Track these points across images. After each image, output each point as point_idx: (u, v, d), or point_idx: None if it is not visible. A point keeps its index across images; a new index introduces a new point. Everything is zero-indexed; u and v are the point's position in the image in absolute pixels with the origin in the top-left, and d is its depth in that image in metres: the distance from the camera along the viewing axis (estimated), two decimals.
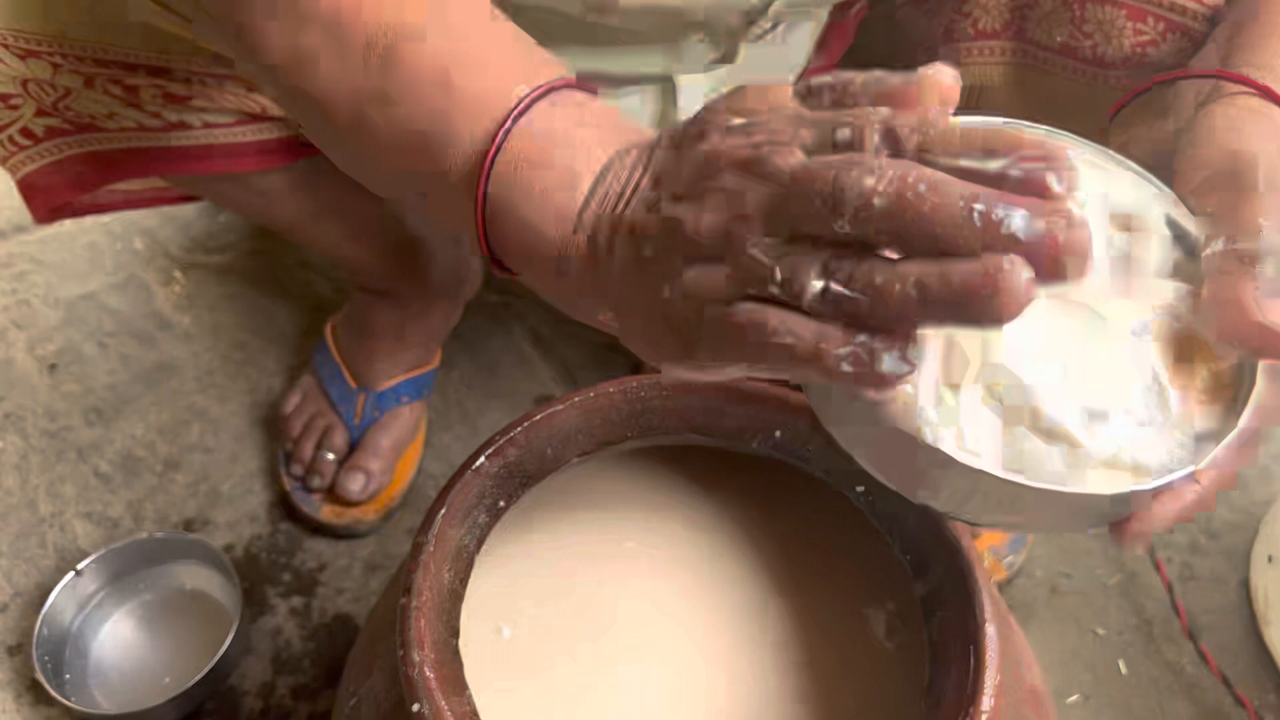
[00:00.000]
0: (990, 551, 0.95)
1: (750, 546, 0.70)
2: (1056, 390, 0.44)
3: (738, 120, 0.40)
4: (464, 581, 0.59)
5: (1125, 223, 0.50)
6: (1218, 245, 0.47)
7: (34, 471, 1.03)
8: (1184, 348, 0.47)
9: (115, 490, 1.02)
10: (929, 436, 0.43)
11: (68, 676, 0.87)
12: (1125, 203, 0.50)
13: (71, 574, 0.89)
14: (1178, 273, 0.50)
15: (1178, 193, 0.51)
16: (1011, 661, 0.61)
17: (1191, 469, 0.44)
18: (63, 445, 1.05)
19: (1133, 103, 0.60)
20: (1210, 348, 0.47)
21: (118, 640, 0.91)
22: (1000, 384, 0.45)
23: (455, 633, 0.56)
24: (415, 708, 0.50)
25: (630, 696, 0.63)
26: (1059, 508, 0.44)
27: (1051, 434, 0.44)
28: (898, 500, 0.61)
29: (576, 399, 0.64)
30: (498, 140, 0.45)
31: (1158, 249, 0.49)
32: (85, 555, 0.91)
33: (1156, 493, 0.44)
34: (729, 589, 0.68)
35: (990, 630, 0.54)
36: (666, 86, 0.73)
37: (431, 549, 0.57)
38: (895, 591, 0.65)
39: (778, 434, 0.64)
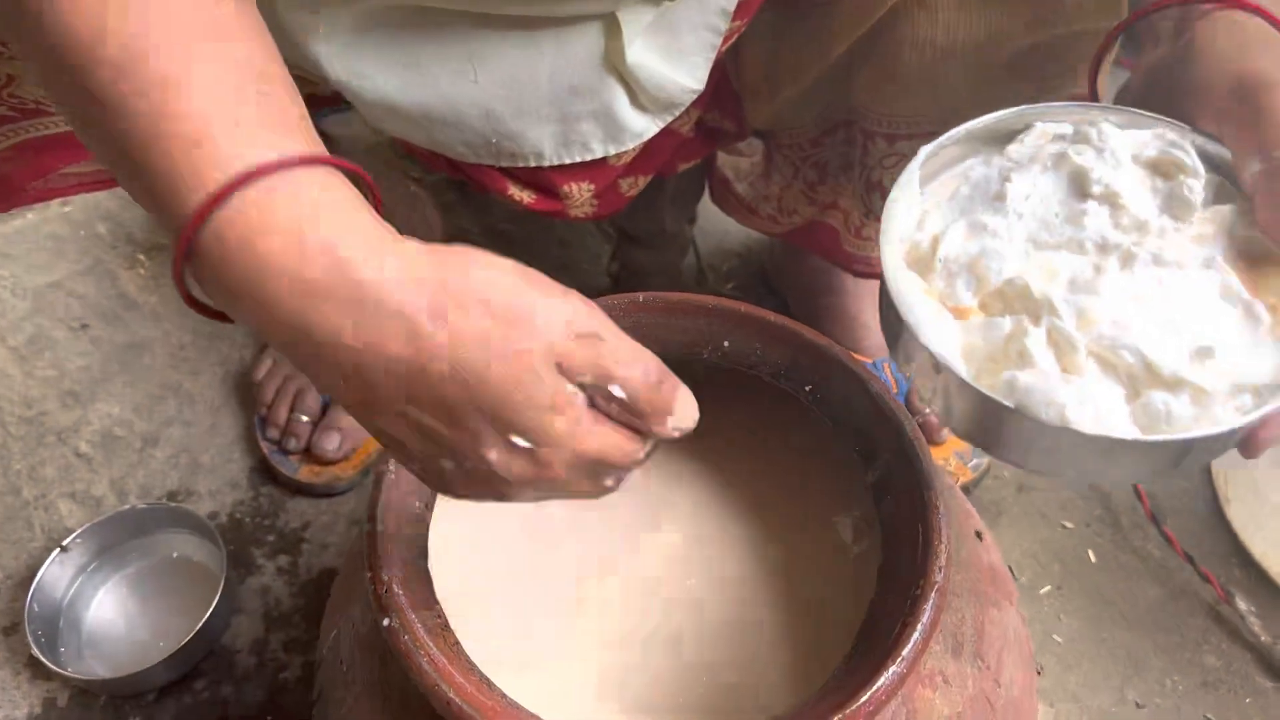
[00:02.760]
0: (955, 455, 0.97)
1: (714, 457, 0.71)
2: (1161, 342, 0.47)
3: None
4: (429, 506, 0.61)
5: (1162, 168, 0.53)
6: (1254, 165, 0.50)
7: (15, 458, 1.04)
8: (1252, 261, 0.50)
9: (97, 469, 1.04)
10: (1075, 422, 0.45)
11: (63, 649, 0.89)
12: (1156, 150, 0.53)
13: (57, 550, 0.91)
14: (1221, 197, 0.52)
15: (1198, 116, 0.53)
16: (967, 540, 0.63)
17: None
18: (41, 430, 1.07)
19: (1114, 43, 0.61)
20: (1277, 254, 0.49)
21: (110, 611, 0.93)
22: (1111, 354, 0.47)
23: (424, 554, 0.58)
24: (385, 622, 0.52)
25: (601, 608, 0.65)
26: (1204, 448, 0.46)
27: (1172, 383, 0.46)
28: (844, 396, 0.63)
29: None
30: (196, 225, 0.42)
31: (1200, 181, 0.52)
32: (72, 534, 0.93)
33: None
34: (696, 502, 0.70)
35: (937, 505, 0.55)
36: (611, 22, 0.74)
37: (393, 476, 0.58)
38: (862, 500, 0.66)
39: (726, 344, 0.66)
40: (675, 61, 0.73)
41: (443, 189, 1.24)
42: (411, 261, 0.42)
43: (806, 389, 0.64)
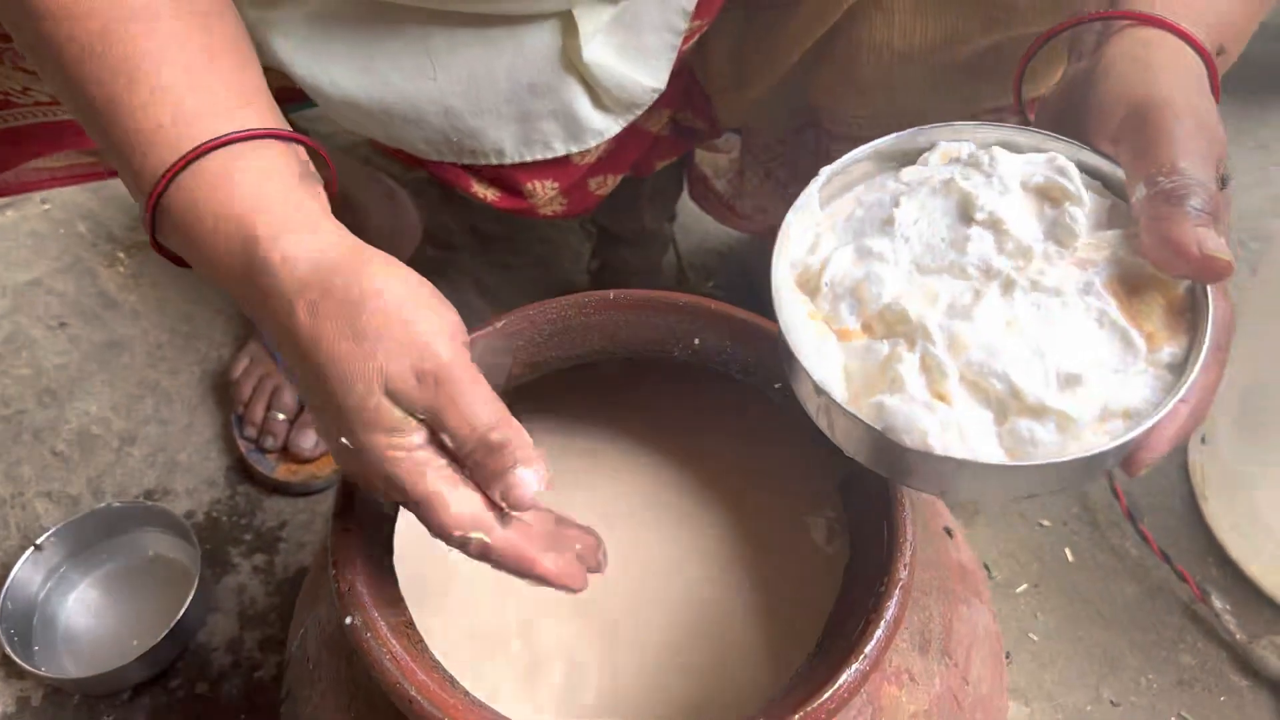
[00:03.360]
0: None
1: (684, 455, 0.71)
2: (1029, 369, 0.47)
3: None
4: (396, 505, 0.60)
5: (1049, 194, 0.53)
6: (1141, 191, 0.49)
7: None
8: (1133, 287, 0.50)
9: (73, 468, 1.03)
10: (939, 448, 0.46)
11: (37, 648, 0.89)
12: (1043, 176, 0.53)
13: (31, 549, 0.91)
14: (1113, 219, 0.52)
15: (1097, 137, 0.53)
16: (935, 536, 0.63)
17: (1180, 395, 0.46)
18: (18, 428, 1.06)
19: (1039, 52, 0.61)
20: (1158, 280, 0.49)
21: (84, 609, 0.93)
22: (981, 380, 0.48)
23: (389, 551, 0.58)
24: (348, 620, 0.52)
25: (567, 606, 0.64)
26: (1074, 471, 0.47)
27: (1037, 410, 0.46)
28: None
29: (498, 324, 0.65)
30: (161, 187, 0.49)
31: (1083, 209, 0.52)
32: (46, 532, 0.92)
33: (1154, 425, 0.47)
34: (665, 500, 0.69)
35: (903, 502, 0.55)
36: (568, 20, 0.74)
37: None
38: (833, 500, 0.66)
39: (696, 341, 0.66)
40: (636, 61, 0.73)
41: (424, 186, 1.23)
42: (313, 248, 0.48)
43: (776, 386, 0.64)
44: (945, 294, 0.51)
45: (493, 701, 0.53)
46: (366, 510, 0.57)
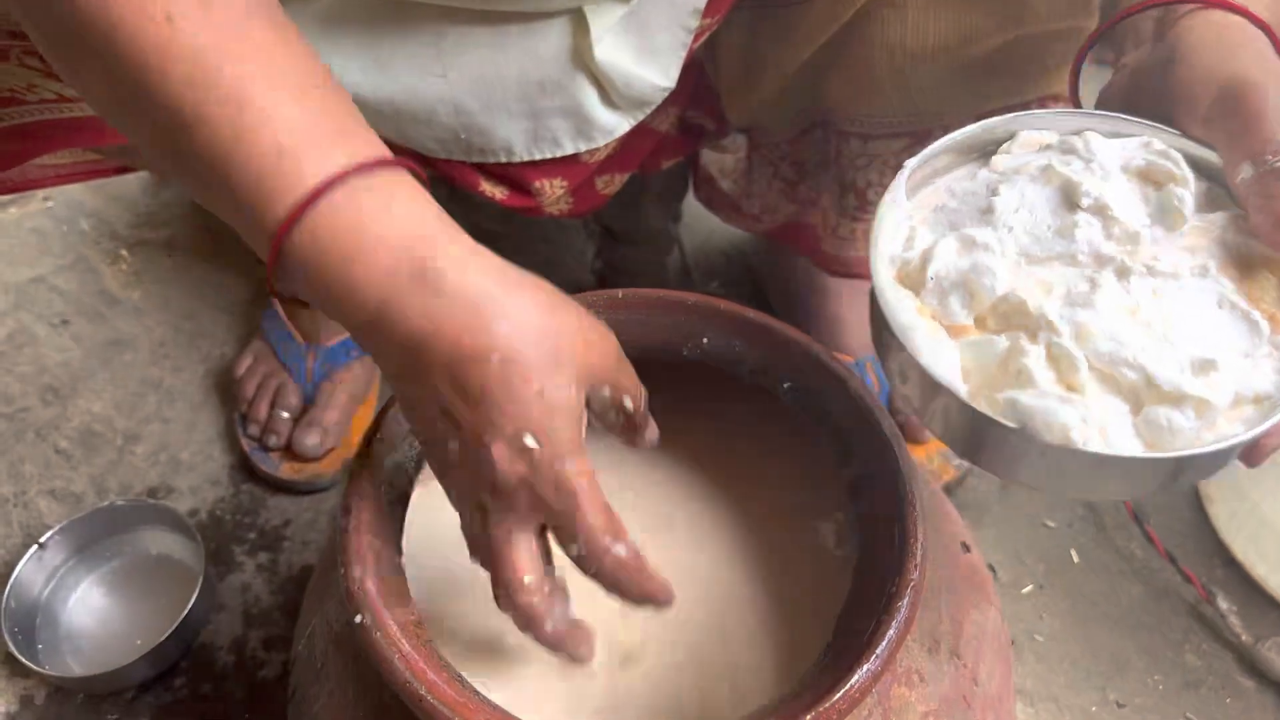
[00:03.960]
0: (939, 454, 0.97)
1: (692, 456, 0.71)
2: (1160, 356, 0.46)
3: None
4: (404, 502, 0.60)
5: (1151, 177, 0.52)
6: (1245, 171, 0.49)
7: None
8: (1245, 269, 0.49)
9: (76, 466, 1.03)
10: (1080, 442, 0.45)
11: (40, 646, 0.89)
12: (1144, 159, 0.52)
13: (35, 548, 0.90)
14: (1210, 203, 0.52)
15: (1185, 121, 0.53)
16: (945, 537, 0.63)
17: None
18: (21, 426, 1.06)
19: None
20: (1271, 260, 0.49)
21: (87, 608, 0.92)
22: (1113, 370, 0.47)
23: (398, 549, 0.58)
24: (358, 619, 0.52)
25: (577, 608, 0.64)
26: (1210, 461, 0.46)
27: (1175, 397, 0.46)
28: (823, 394, 0.62)
29: None
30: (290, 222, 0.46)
31: (1190, 191, 0.51)
32: (49, 530, 0.92)
33: None
34: (674, 502, 0.69)
35: (914, 504, 0.55)
36: (579, 18, 0.74)
37: (368, 471, 0.58)
38: (842, 501, 0.66)
39: (705, 341, 0.66)
40: (646, 59, 0.73)
41: (432, 184, 1.23)
42: (490, 263, 0.48)
43: (785, 386, 0.64)
44: (1059, 283, 0.49)
45: (500, 702, 0.52)
46: (375, 509, 0.57)
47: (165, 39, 0.45)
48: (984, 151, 0.56)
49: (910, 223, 0.54)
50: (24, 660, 0.84)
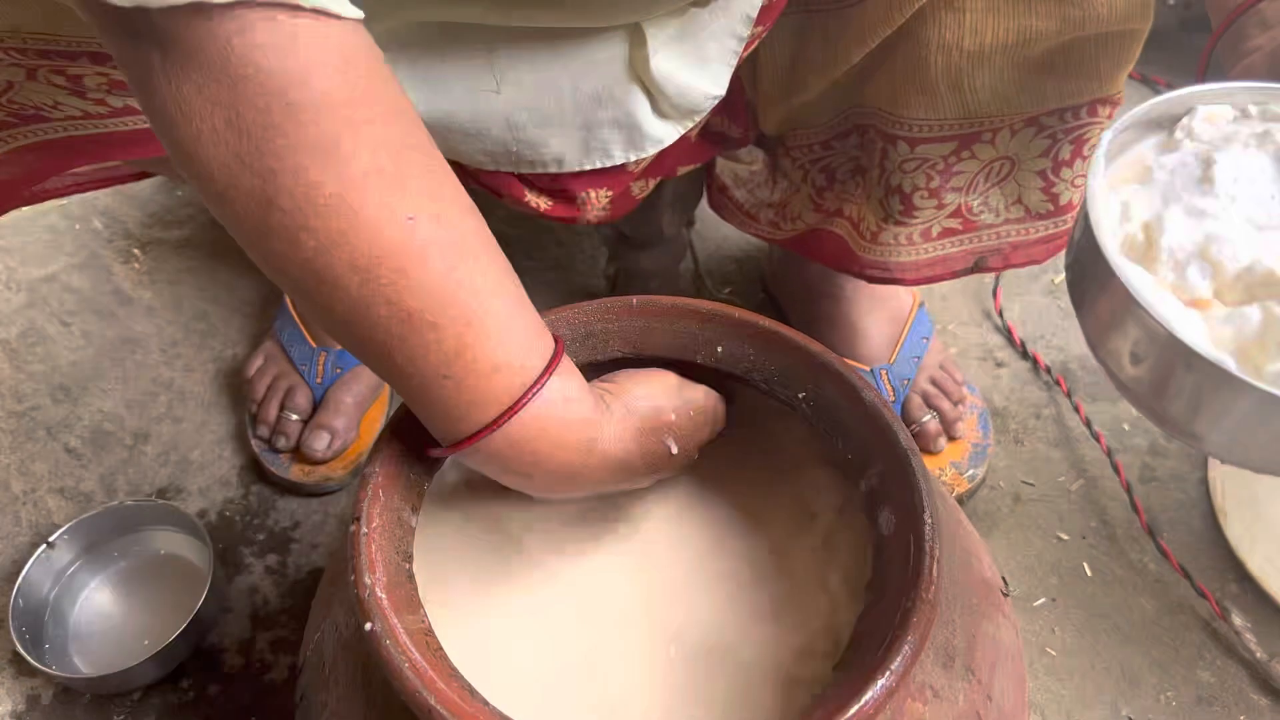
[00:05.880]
0: (951, 465, 0.97)
1: (706, 465, 0.70)
2: None
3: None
4: (416, 510, 0.60)
5: None
6: None
7: (4, 451, 1.04)
8: None
9: (86, 465, 1.03)
10: None
11: (47, 646, 0.88)
12: None
13: (44, 547, 0.90)
14: None
15: None
16: (960, 551, 0.63)
17: None
18: (31, 424, 1.06)
19: (1226, 34, 0.61)
20: None
21: (95, 608, 0.92)
22: None
23: (408, 558, 0.57)
24: (368, 626, 0.51)
25: (586, 618, 0.64)
26: None
27: None
28: (838, 404, 0.62)
29: None
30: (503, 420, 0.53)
31: None
32: (59, 529, 0.92)
33: None
34: (687, 512, 0.69)
35: (929, 517, 0.54)
36: (636, 31, 0.73)
37: (379, 478, 0.57)
38: (856, 512, 0.65)
39: (719, 349, 0.65)
40: (699, 68, 0.73)
41: None
42: (617, 420, 0.59)
43: (800, 396, 0.63)
44: None
45: (508, 712, 0.52)
46: (387, 515, 0.57)
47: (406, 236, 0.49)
48: (1159, 126, 0.55)
49: (1119, 198, 0.53)
50: (31, 660, 0.84)
